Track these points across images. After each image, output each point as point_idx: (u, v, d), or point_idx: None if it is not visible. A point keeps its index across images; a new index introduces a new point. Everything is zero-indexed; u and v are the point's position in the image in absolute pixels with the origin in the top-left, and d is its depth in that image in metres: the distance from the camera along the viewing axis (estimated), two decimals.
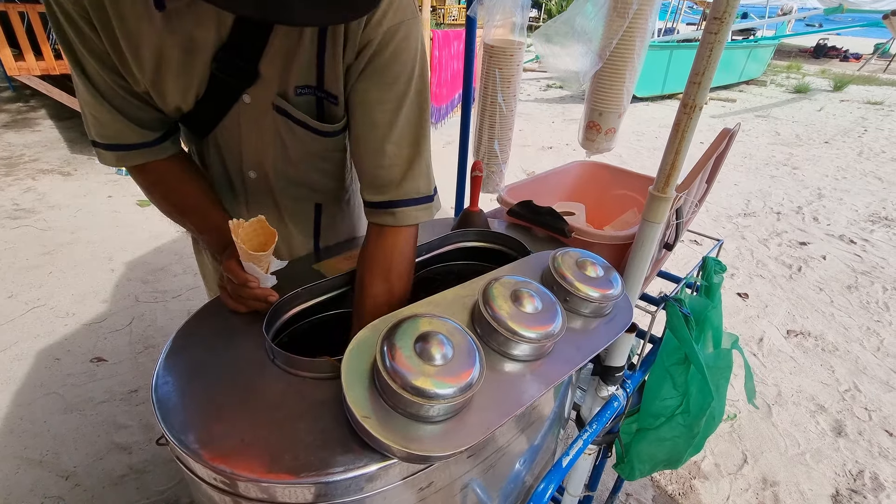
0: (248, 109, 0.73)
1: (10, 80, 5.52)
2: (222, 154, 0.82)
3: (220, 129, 0.78)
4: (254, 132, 0.77)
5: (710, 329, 1.07)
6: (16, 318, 2.28)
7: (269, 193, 0.87)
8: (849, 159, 5.32)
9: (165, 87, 0.69)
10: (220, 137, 0.80)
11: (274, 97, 0.71)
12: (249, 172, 0.84)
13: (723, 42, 0.64)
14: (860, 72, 11.25)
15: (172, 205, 0.81)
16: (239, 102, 0.72)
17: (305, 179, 0.86)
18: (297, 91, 0.71)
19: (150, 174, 0.79)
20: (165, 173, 0.79)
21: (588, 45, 0.83)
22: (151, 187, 0.80)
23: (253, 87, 0.70)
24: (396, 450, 0.49)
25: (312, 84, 0.71)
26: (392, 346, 0.53)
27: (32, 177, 3.72)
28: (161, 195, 0.80)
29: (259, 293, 0.69)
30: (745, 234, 3.54)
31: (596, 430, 0.89)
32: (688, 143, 0.74)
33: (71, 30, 0.63)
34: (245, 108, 0.73)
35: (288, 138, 0.77)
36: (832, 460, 1.81)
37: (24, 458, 1.65)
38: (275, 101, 0.72)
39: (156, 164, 0.78)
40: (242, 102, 0.72)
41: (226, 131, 0.78)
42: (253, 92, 0.71)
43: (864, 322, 2.62)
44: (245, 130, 0.77)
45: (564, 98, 7.68)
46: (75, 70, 0.68)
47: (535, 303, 0.64)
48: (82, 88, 0.69)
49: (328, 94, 0.72)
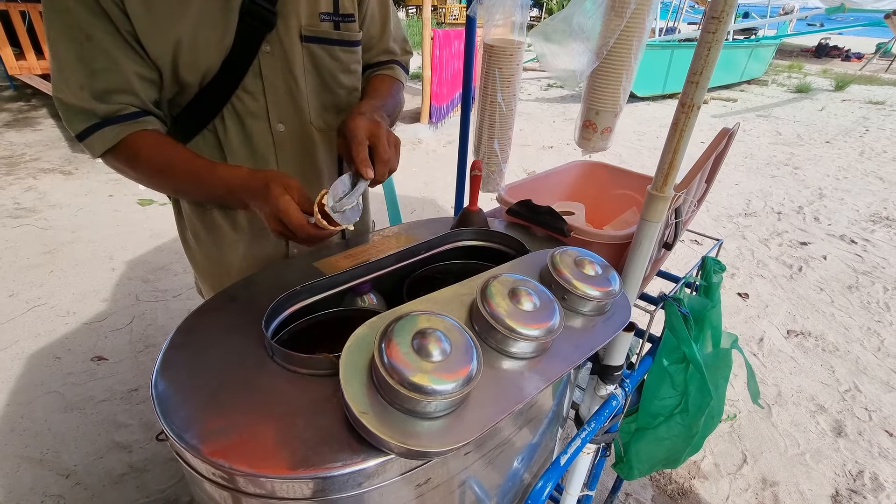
0: (269, 58, 0.81)
1: (11, 79, 5.53)
2: (243, 121, 0.85)
3: (240, 96, 0.82)
4: (279, 79, 0.84)
5: (710, 329, 1.07)
6: (16, 317, 2.29)
7: (300, 142, 0.92)
8: (850, 159, 5.31)
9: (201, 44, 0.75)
10: (239, 105, 0.83)
11: (302, 29, 0.82)
12: (278, 126, 0.88)
13: (721, 41, 0.65)
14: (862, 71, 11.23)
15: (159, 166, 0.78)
16: (260, 54, 0.80)
17: (335, 102, 0.93)
18: (322, 17, 0.83)
19: (132, 144, 0.76)
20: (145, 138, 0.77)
21: (585, 44, 0.84)
22: (134, 157, 0.77)
23: (273, 33, 0.79)
24: (394, 445, 0.49)
25: (331, 11, 0.85)
26: (390, 343, 0.53)
27: (33, 176, 3.73)
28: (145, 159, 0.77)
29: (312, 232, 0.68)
30: (746, 234, 3.54)
31: (594, 429, 0.90)
32: (686, 143, 0.74)
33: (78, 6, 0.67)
34: (267, 58, 0.81)
35: (320, 62, 0.87)
36: (832, 460, 1.81)
37: (24, 456, 1.65)
38: (304, 31, 0.82)
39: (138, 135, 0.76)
40: (263, 53, 0.80)
41: (246, 96, 0.83)
42: (273, 38, 0.80)
43: (864, 322, 2.62)
44: (269, 82, 0.83)
45: (565, 97, 7.68)
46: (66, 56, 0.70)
47: (533, 300, 0.64)
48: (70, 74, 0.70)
49: (344, 16, 0.86)
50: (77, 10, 0.68)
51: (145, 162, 0.77)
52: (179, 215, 1.00)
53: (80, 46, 0.70)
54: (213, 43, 0.76)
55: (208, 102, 0.81)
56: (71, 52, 0.70)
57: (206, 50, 0.76)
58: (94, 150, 0.76)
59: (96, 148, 0.76)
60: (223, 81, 0.80)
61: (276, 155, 0.91)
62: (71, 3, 0.67)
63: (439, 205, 3.70)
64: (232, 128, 0.85)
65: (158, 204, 3.43)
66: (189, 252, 1.03)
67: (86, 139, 0.75)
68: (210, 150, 0.88)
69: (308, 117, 0.91)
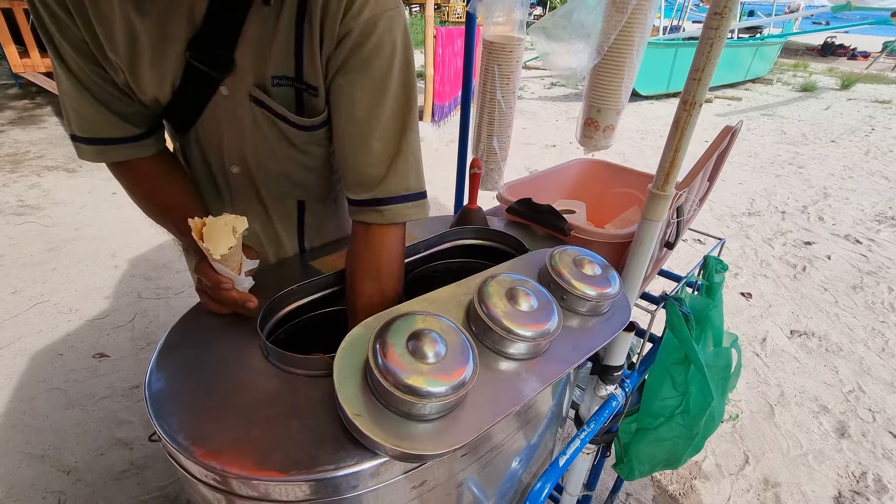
0: (225, 102, 0.71)
1: (16, 78, 5.54)
2: (204, 150, 0.80)
3: (201, 124, 0.75)
4: (234, 125, 0.74)
5: (711, 329, 1.06)
6: (19, 314, 2.29)
7: (253, 189, 0.85)
8: (855, 158, 5.27)
9: (141, 76, 0.67)
10: (202, 132, 0.77)
11: (251, 88, 0.69)
12: (232, 168, 0.81)
13: (723, 38, 0.63)
14: (868, 70, 11.13)
15: (154, 205, 0.78)
16: (217, 94, 0.70)
17: (288, 175, 0.83)
18: (275, 82, 0.69)
19: (132, 172, 0.76)
20: (148, 172, 0.77)
21: (586, 41, 0.82)
22: (133, 186, 0.77)
23: (230, 78, 0.68)
24: (388, 448, 0.49)
25: (290, 75, 0.69)
26: (384, 344, 0.53)
27: (37, 173, 3.74)
28: (143, 195, 0.78)
29: (235, 296, 0.66)
30: (750, 234, 3.52)
31: (594, 429, 0.89)
32: (687, 141, 0.73)
33: (49, 19, 0.62)
34: (223, 100, 0.71)
35: (268, 131, 0.75)
36: (835, 461, 1.79)
37: (26, 452, 1.66)
38: (252, 92, 0.69)
39: (138, 163, 0.75)
40: (220, 94, 0.70)
41: (206, 125, 0.75)
42: (230, 83, 0.69)
43: (868, 322, 2.60)
44: (225, 124, 0.74)
45: (569, 96, 7.65)
46: (55, 61, 0.67)
47: (531, 301, 0.63)
48: (63, 79, 0.68)
49: (307, 85, 0.70)
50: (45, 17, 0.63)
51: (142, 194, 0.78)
52: None
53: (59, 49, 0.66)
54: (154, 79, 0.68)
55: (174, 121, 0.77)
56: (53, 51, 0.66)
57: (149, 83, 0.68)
58: (83, 156, 0.73)
59: (86, 156, 0.73)
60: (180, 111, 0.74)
61: (231, 193, 0.86)
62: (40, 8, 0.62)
63: (441, 203, 3.69)
64: (195, 151, 0.81)
65: None
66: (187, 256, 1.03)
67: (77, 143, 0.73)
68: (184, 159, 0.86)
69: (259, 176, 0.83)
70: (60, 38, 0.64)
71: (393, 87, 0.68)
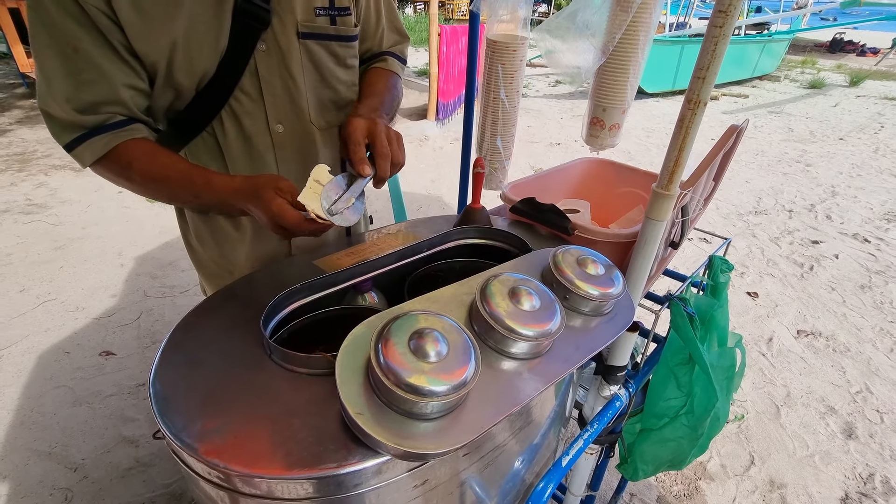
0: (265, 57, 0.80)
1: (23, 77, 5.60)
2: (242, 122, 0.84)
3: (237, 97, 0.81)
4: (276, 78, 0.83)
5: (716, 329, 1.05)
6: (27, 312, 2.32)
7: (300, 142, 0.91)
8: (864, 156, 5.21)
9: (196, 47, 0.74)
10: (237, 106, 0.82)
11: (298, 25, 0.80)
12: (277, 126, 0.87)
13: (728, 35, 0.63)
14: (877, 67, 11.01)
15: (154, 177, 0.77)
16: (255, 54, 0.79)
17: (334, 98, 0.92)
18: (318, 12, 0.82)
19: (124, 154, 0.76)
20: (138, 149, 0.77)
21: (591, 40, 0.82)
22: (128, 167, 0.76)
23: (268, 32, 0.78)
24: (390, 447, 0.49)
25: (326, 5, 0.83)
26: (386, 343, 0.53)
27: (45, 172, 3.78)
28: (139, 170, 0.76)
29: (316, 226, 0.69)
30: (756, 233, 3.49)
31: (597, 429, 0.89)
32: (692, 140, 0.72)
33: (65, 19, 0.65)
34: (263, 57, 0.80)
35: (317, 58, 0.86)
36: (842, 463, 1.78)
37: (33, 449, 1.68)
38: (300, 28, 0.81)
39: (127, 145, 0.75)
40: (259, 52, 0.79)
41: (243, 97, 0.82)
42: (268, 37, 0.79)
43: (877, 322, 2.58)
44: (266, 83, 0.82)
45: (574, 94, 7.62)
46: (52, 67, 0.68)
47: (534, 301, 0.63)
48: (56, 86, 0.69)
49: (339, 9, 0.85)
50: (63, 22, 0.66)
51: (139, 172, 0.76)
52: (182, 218, 1.00)
53: (67, 59, 0.68)
54: (207, 45, 0.74)
55: (206, 105, 0.80)
56: (57, 64, 0.68)
57: (200, 52, 0.74)
58: (84, 160, 0.74)
59: (85, 158, 0.74)
60: (220, 83, 0.78)
61: (276, 156, 0.90)
62: (57, 15, 0.66)
63: (445, 202, 3.69)
64: (231, 130, 0.84)
65: None
66: (193, 254, 1.03)
67: (74, 149, 0.74)
68: (209, 152, 0.87)
69: (308, 116, 0.90)
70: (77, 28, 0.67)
71: None
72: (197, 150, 0.88)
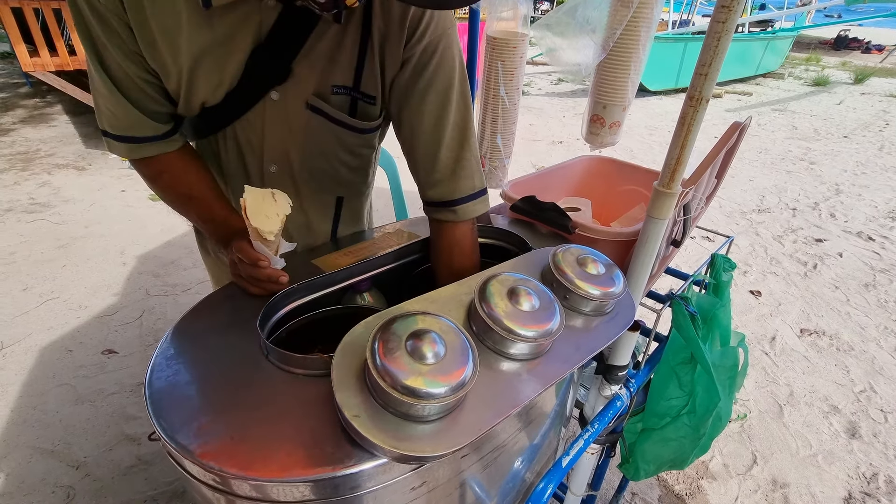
0: (274, 106, 0.75)
1: (26, 76, 5.61)
2: (241, 148, 0.83)
3: (241, 124, 0.79)
4: (279, 127, 0.78)
5: (718, 328, 1.04)
6: (30, 311, 2.32)
7: (291, 185, 0.88)
8: (869, 154, 5.18)
9: (198, 82, 0.71)
10: (240, 132, 0.80)
11: (309, 97, 0.74)
12: (270, 167, 0.84)
13: (730, 32, 0.62)
14: (882, 64, 10.93)
15: (178, 194, 0.81)
16: (266, 99, 0.74)
17: (332, 174, 0.87)
18: (335, 90, 0.74)
19: (157, 164, 0.79)
20: (172, 163, 0.80)
21: (591, 36, 0.81)
22: (157, 177, 0.80)
23: (283, 85, 0.73)
24: (386, 449, 0.48)
25: (349, 85, 0.74)
26: (383, 344, 0.52)
27: (48, 171, 3.78)
28: (166, 184, 0.81)
29: (271, 273, 0.69)
30: (760, 231, 3.47)
31: (598, 429, 0.88)
32: (693, 137, 0.71)
33: (97, 24, 0.65)
34: (272, 104, 0.75)
35: (320, 135, 0.79)
36: (845, 462, 1.77)
37: (36, 447, 1.68)
38: (310, 100, 0.74)
39: (161, 157, 0.79)
40: (269, 99, 0.74)
41: (247, 126, 0.79)
42: (283, 90, 0.73)
43: (881, 321, 2.56)
44: (269, 126, 0.78)
45: (576, 92, 7.59)
46: (93, 63, 0.69)
47: (533, 301, 0.63)
48: (98, 81, 0.70)
49: (364, 94, 0.76)
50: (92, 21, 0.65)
51: (165, 186, 0.80)
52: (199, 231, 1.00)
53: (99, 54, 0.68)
54: (211, 83, 0.72)
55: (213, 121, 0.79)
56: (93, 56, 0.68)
57: (204, 87, 0.72)
58: (114, 151, 0.77)
59: (118, 151, 0.76)
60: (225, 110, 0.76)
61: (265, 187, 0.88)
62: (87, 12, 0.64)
63: None
64: (231, 148, 0.84)
65: None
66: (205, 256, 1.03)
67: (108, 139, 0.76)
68: (212, 156, 0.88)
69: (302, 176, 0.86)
70: (106, 42, 0.66)
71: (455, 100, 0.75)
72: (204, 149, 0.88)
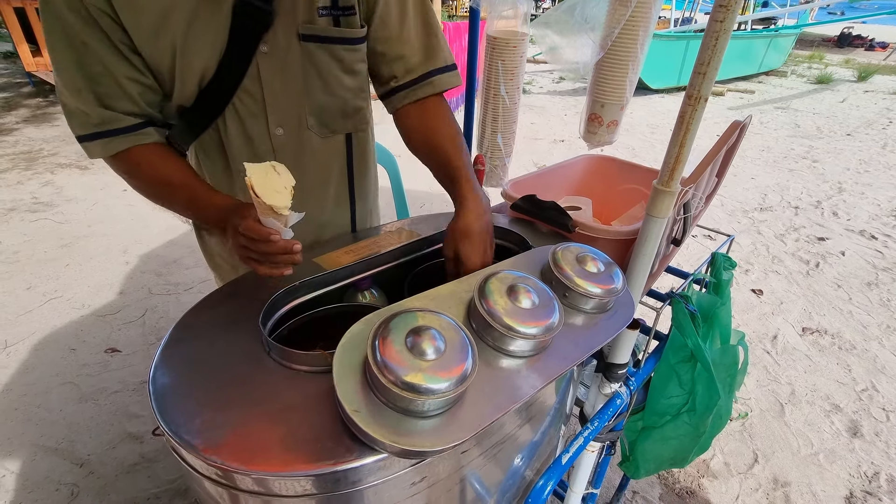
0: (267, 59, 0.78)
1: (29, 76, 5.63)
2: (244, 123, 0.84)
3: (240, 95, 0.80)
4: (277, 81, 0.81)
5: (718, 327, 1.04)
6: (34, 309, 2.34)
7: (300, 147, 0.89)
8: (872, 152, 5.16)
9: (192, 48, 0.73)
10: (240, 107, 0.82)
11: (299, 26, 0.77)
12: (276, 130, 0.85)
13: (729, 31, 0.62)
14: (886, 61, 10.88)
15: (158, 182, 0.80)
16: (257, 56, 0.77)
17: (338, 105, 0.89)
18: (320, 13, 0.78)
19: (133, 156, 0.78)
20: (147, 154, 0.79)
21: (590, 34, 0.81)
22: (135, 170, 0.79)
23: (271, 32, 0.76)
24: (387, 445, 0.49)
25: (328, 4, 0.79)
26: (384, 340, 0.53)
27: (51, 171, 3.80)
28: (146, 175, 0.80)
29: (284, 244, 0.67)
30: (761, 229, 3.46)
31: (598, 427, 0.88)
32: (693, 136, 0.72)
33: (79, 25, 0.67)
34: (264, 59, 0.78)
35: (318, 64, 0.82)
36: (846, 461, 1.77)
37: (40, 445, 1.69)
38: (300, 29, 0.78)
39: (138, 149, 0.78)
40: (261, 53, 0.77)
41: (246, 98, 0.81)
42: (271, 37, 0.77)
43: (883, 320, 2.55)
44: (268, 85, 0.80)
45: (577, 90, 7.58)
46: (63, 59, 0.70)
47: (532, 298, 0.63)
48: (69, 82, 0.71)
49: (344, 8, 0.80)
50: (71, 19, 0.68)
51: (144, 177, 0.79)
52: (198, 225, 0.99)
53: (77, 52, 0.70)
54: (206, 45, 0.74)
55: (210, 103, 0.80)
56: (68, 56, 0.70)
57: (199, 53, 0.74)
58: (92, 154, 0.77)
59: (94, 152, 0.77)
60: (221, 83, 0.78)
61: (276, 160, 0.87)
62: (65, 11, 0.67)
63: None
64: (233, 129, 0.84)
65: None
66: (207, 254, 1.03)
67: (85, 143, 0.76)
68: (216, 149, 0.88)
69: (305, 123, 0.87)
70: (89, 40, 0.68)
71: None
72: (206, 145, 0.88)
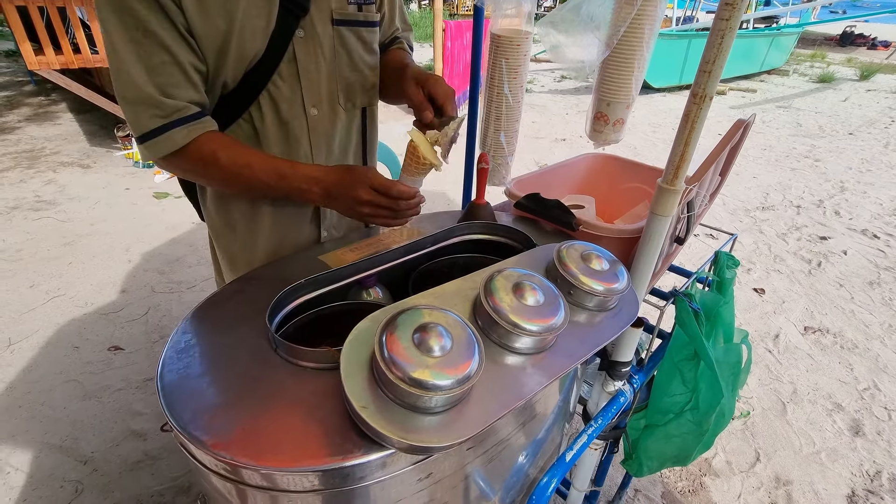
0: (303, 42, 0.85)
1: (31, 75, 5.64)
2: (279, 107, 0.87)
3: (275, 80, 0.85)
4: (312, 63, 0.88)
5: (721, 325, 1.05)
6: (37, 308, 2.34)
7: (331, 124, 0.95)
8: (874, 151, 5.15)
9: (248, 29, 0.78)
10: (275, 89, 0.85)
11: (333, 12, 0.87)
12: (312, 110, 0.91)
13: (734, 29, 0.62)
14: (888, 60, 10.86)
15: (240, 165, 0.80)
16: (293, 42, 0.84)
17: (361, 82, 0.97)
18: (349, 1, 0.89)
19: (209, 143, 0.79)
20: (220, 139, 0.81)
21: (595, 34, 0.81)
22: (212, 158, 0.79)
23: (307, 17, 0.84)
24: (394, 440, 0.49)
25: None
26: (390, 337, 0.53)
27: (53, 169, 3.81)
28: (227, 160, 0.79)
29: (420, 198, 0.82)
30: (763, 228, 3.46)
31: (601, 425, 0.89)
32: (697, 134, 0.72)
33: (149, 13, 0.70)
34: (301, 42, 0.85)
35: (349, 45, 0.92)
36: (848, 460, 1.77)
37: (44, 442, 1.70)
38: (335, 15, 0.87)
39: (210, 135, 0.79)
40: (297, 38, 0.84)
41: (281, 84, 0.86)
42: (306, 23, 0.84)
43: (885, 319, 2.55)
44: (303, 66, 0.86)
45: (579, 89, 7.57)
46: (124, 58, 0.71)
47: (538, 296, 0.63)
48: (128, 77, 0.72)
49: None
50: (134, 7, 0.69)
51: (225, 162, 0.79)
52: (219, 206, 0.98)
53: (138, 44, 0.71)
54: (259, 30, 0.79)
55: (247, 90, 0.83)
56: (129, 50, 0.71)
57: (252, 38, 0.79)
58: (160, 151, 0.76)
59: (163, 148, 0.75)
60: (262, 67, 0.82)
61: (311, 140, 0.93)
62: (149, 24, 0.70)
63: (450, 198, 3.69)
64: (268, 115, 0.87)
65: (174, 197, 3.48)
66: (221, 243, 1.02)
67: (151, 139, 0.75)
68: (247, 139, 0.89)
69: (338, 99, 0.94)
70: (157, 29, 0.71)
71: None
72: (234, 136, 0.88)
